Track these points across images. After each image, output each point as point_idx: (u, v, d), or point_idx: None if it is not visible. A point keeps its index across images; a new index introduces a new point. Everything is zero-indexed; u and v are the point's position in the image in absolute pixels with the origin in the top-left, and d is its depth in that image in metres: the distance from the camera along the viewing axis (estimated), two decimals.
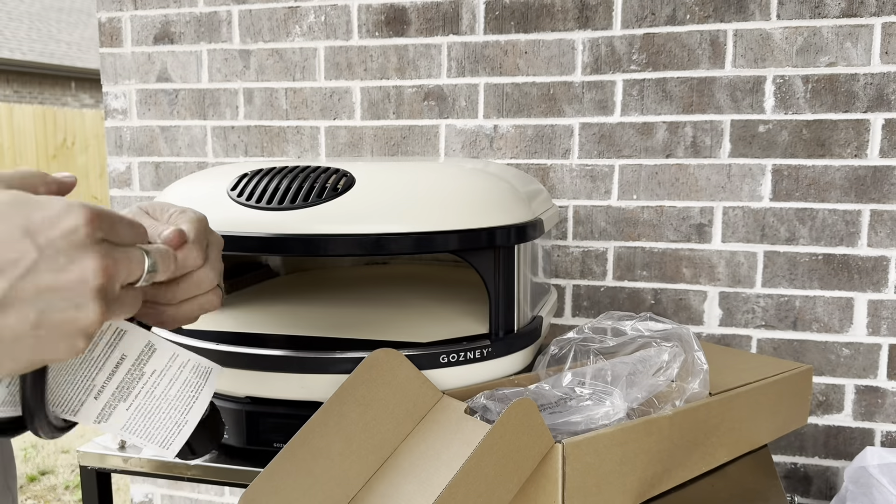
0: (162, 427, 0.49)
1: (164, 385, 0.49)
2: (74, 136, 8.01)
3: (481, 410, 0.69)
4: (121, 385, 0.47)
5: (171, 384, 0.49)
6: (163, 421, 0.49)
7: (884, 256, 1.22)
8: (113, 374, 0.47)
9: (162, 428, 0.49)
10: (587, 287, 1.34)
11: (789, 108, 1.22)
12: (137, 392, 0.48)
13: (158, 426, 0.49)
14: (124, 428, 0.48)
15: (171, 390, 0.49)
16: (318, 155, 1.43)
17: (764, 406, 0.83)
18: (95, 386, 0.47)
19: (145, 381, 0.48)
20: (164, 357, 0.49)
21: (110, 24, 1.50)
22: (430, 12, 1.34)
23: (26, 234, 0.37)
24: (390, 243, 0.76)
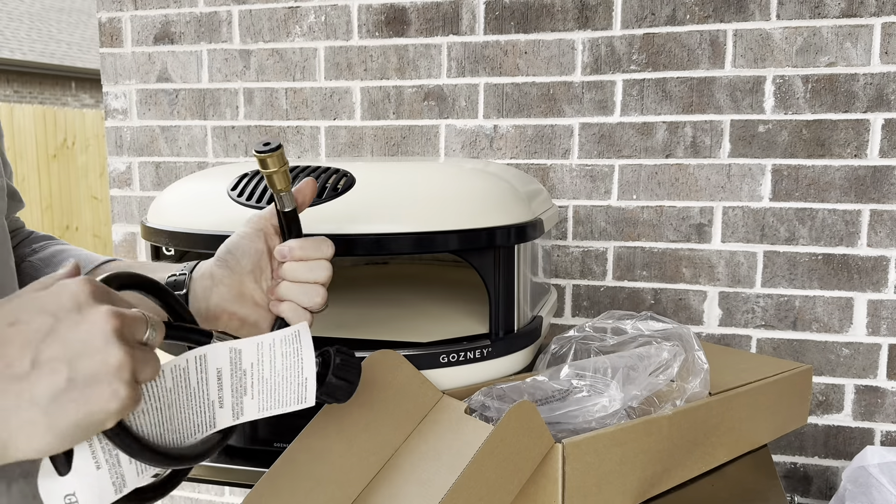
0: (290, 393, 0.55)
1: (268, 366, 0.54)
2: (75, 136, 8.01)
3: (480, 408, 0.69)
4: (234, 387, 0.52)
5: (273, 362, 0.54)
6: (287, 389, 0.54)
7: (883, 256, 1.22)
8: (220, 384, 0.52)
9: (290, 393, 0.55)
10: (587, 287, 1.34)
11: (789, 108, 1.22)
12: (251, 383, 0.53)
13: (287, 394, 0.54)
14: (260, 411, 0.53)
15: (276, 365, 0.54)
16: (318, 155, 1.44)
17: (764, 406, 0.83)
18: (214, 400, 0.51)
19: (251, 373, 0.53)
20: (253, 350, 0.54)
21: (110, 24, 1.50)
22: (430, 12, 1.34)
23: (41, 311, 0.40)
24: (390, 243, 0.76)
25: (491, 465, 0.58)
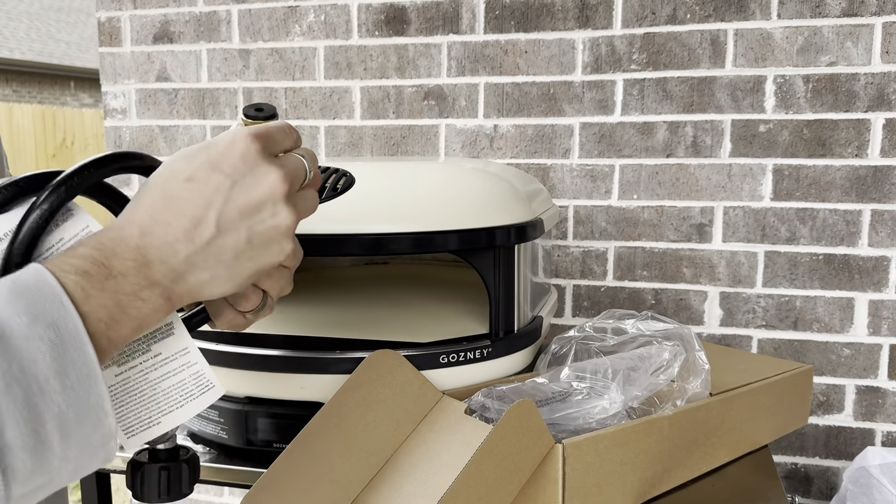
0: (134, 413, 0.47)
1: (160, 373, 0.48)
2: (74, 136, 8.00)
3: (480, 409, 0.69)
4: (124, 351, 0.46)
5: (166, 376, 0.48)
6: (139, 407, 0.47)
7: (884, 256, 1.22)
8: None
9: (133, 414, 0.47)
10: (587, 287, 1.34)
11: (790, 108, 1.22)
12: (134, 365, 0.47)
13: (131, 410, 0.47)
14: None
15: (163, 382, 0.48)
16: (317, 155, 1.43)
17: (764, 406, 0.83)
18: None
19: (146, 358, 0.48)
20: (176, 346, 0.48)
21: (109, 23, 1.50)
22: (429, 12, 1.34)
23: (214, 168, 0.43)
24: (390, 243, 0.76)
25: (490, 465, 0.58)
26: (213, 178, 0.43)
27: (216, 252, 0.43)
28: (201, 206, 0.42)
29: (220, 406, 0.82)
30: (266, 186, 0.44)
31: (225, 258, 0.43)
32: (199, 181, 0.42)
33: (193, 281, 0.42)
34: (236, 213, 0.43)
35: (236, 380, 0.79)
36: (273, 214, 0.44)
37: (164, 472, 0.51)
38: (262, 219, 0.44)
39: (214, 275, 0.43)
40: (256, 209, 0.44)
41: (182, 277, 0.42)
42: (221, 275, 0.43)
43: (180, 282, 0.42)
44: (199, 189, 0.42)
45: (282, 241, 0.45)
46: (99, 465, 0.38)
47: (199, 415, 0.84)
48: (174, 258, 0.41)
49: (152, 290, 0.41)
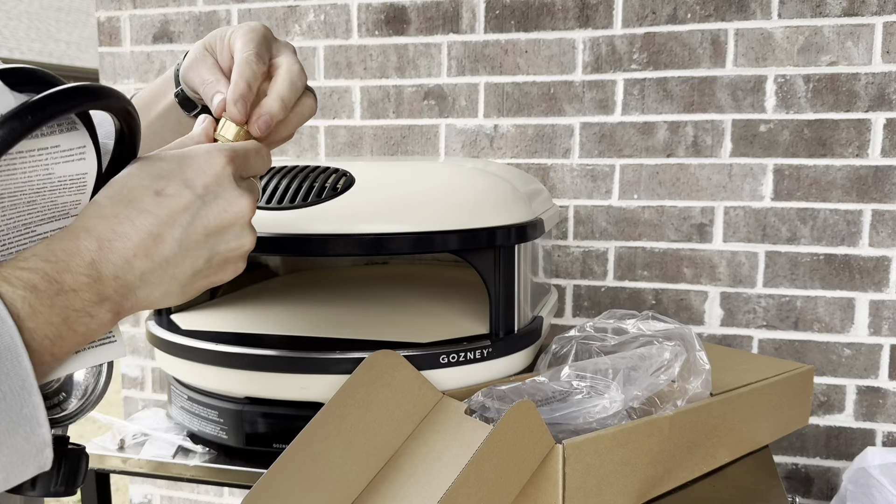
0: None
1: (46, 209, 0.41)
2: None
3: (480, 409, 0.69)
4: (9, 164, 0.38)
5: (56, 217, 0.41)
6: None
7: (885, 256, 1.22)
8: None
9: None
10: (588, 287, 1.34)
11: (790, 108, 1.22)
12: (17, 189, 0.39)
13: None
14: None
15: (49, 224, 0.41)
16: (317, 154, 1.43)
17: (765, 406, 0.83)
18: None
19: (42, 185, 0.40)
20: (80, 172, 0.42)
21: (109, 23, 1.49)
22: (429, 11, 1.34)
23: (186, 185, 0.42)
24: (390, 243, 0.76)
25: (490, 465, 0.58)
26: (183, 195, 0.42)
27: (173, 270, 0.42)
28: (166, 224, 0.41)
29: (220, 406, 0.82)
30: (237, 210, 0.44)
31: (181, 277, 0.43)
32: (169, 197, 0.42)
33: (143, 296, 0.42)
34: (202, 233, 0.43)
35: (236, 380, 0.79)
36: (237, 237, 0.45)
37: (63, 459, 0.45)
38: (225, 240, 0.44)
39: (167, 291, 0.43)
40: (222, 231, 0.44)
41: (133, 293, 0.41)
42: (173, 291, 0.43)
43: (131, 297, 0.41)
44: (167, 205, 0.41)
45: (238, 262, 0.46)
46: (32, 474, 0.37)
47: (199, 415, 0.84)
48: (129, 274, 0.40)
49: (102, 305, 0.40)
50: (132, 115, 0.44)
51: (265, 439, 0.80)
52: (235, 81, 0.51)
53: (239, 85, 0.51)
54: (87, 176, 0.42)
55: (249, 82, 0.51)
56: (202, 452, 0.84)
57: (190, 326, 0.86)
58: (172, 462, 0.84)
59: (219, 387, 0.82)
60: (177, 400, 0.89)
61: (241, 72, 0.51)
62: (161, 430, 0.90)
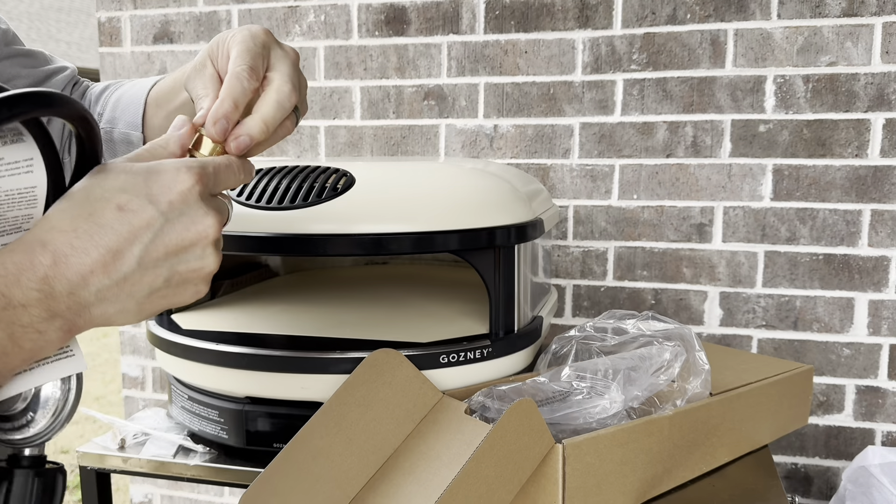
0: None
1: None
2: None
3: (480, 409, 0.69)
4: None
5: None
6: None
7: (884, 256, 1.22)
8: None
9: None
10: (587, 287, 1.34)
11: (790, 108, 1.22)
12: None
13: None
14: None
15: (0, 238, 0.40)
16: (317, 155, 1.43)
17: (764, 406, 0.83)
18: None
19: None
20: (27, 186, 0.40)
21: (110, 23, 1.50)
22: (430, 12, 1.34)
23: (150, 201, 0.41)
24: (390, 243, 0.76)
25: (490, 464, 0.58)
26: (146, 211, 0.40)
27: (130, 288, 0.40)
28: (126, 240, 0.40)
29: (220, 406, 0.82)
30: (200, 229, 0.42)
31: (138, 295, 0.41)
32: (132, 213, 0.40)
33: (98, 313, 0.40)
34: (162, 251, 0.41)
35: (236, 380, 0.79)
36: (200, 257, 0.43)
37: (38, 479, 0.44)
38: (186, 260, 0.42)
39: (122, 309, 0.41)
40: (184, 250, 0.42)
41: (87, 310, 0.39)
42: (129, 309, 0.41)
43: (84, 314, 0.39)
44: (129, 220, 0.40)
45: (199, 283, 0.44)
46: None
47: (199, 414, 0.85)
48: (84, 291, 0.39)
49: (52, 322, 0.38)
50: (88, 121, 0.41)
51: (265, 439, 0.80)
52: (222, 99, 0.49)
53: (224, 103, 0.49)
54: (37, 189, 0.40)
55: (236, 101, 0.49)
56: (203, 452, 0.84)
57: (190, 326, 0.86)
58: (173, 462, 0.84)
59: (219, 386, 0.82)
60: (177, 400, 0.89)
61: (229, 88, 0.49)
62: (162, 430, 0.90)
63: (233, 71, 0.50)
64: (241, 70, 0.50)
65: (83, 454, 0.89)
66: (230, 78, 0.50)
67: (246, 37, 0.52)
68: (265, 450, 0.80)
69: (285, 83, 0.51)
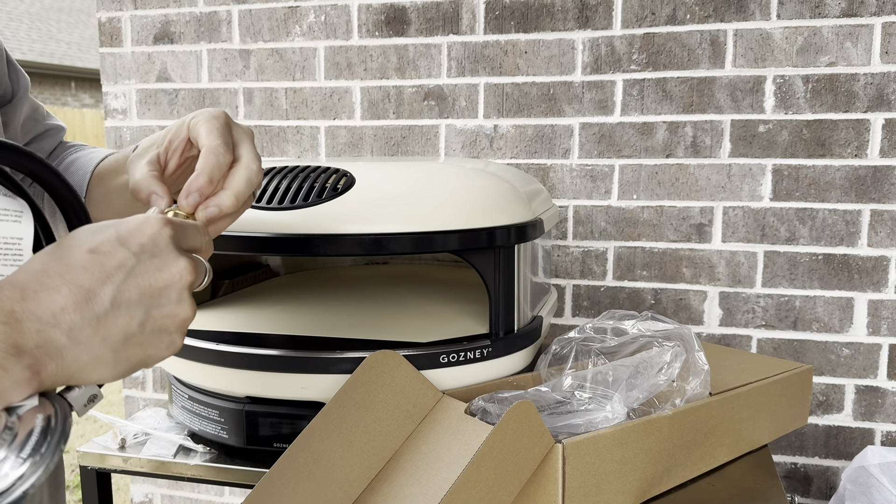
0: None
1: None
2: (74, 136, 8.00)
3: (480, 413, 0.69)
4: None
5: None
6: None
7: (884, 256, 1.22)
8: None
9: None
10: (587, 287, 1.34)
11: (789, 108, 1.22)
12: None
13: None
14: None
15: None
16: (317, 155, 1.43)
17: (764, 406, 0.83)
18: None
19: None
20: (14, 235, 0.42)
21: (110, 23, 1.50)
22: (430, 12, 1.34)
23: (121, 244, 0.40)
24: (390, 243, 0.76)
25: (491, 465, 0.58)
26: (118, 253, 0.39)
27: (104, 331, 0.38)
28: (99, 279, 0.38)
29: (220, 406, 0.82)
30: (174, 272, 0.41)
31: (113, 339, 0.39)
32: (103, 254, 0.39)
33: (71, 359, 0.38)
34: (136, 293, 0.40)
35: (237, 379, 0.80)
36: (174, 303, 0.41)
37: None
38: (160, 304, 0.41)
39: (97, 356, 0.39)
40: (159, 293, 0.41)
41: (59, 353, 0.37)
42: (105, 358, 0.39)
43: (56, 357, 0.37)
44: (101, 261, 0.39)
45: (173, 333, 0.42)
46: None
47: (200, 414, 0.85)
48: (54, 329, 0.37)
49: (19, 359, 0.35)
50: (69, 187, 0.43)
51: (266, 439, 0.81)
52: (198, 173, 0.50)
53: (200, 178, 0.50)
54: (24, 242, 0.41)
55: (212, 176, 0.50)
56: (203, 452, 0.84)
57: (191, 326, 0.86)
58: (173, 461, 0.84)
59: (219, 386, 0.82)
60: (178, 399, 0.89)
61: (205, 163, 0.50)
62: (162, 430, 0.90)
63: (208, 146, 0.51)
64: (217, 145, 0.51)
65: (84, 454, 0.89)
66: (206, 153, 0.51)
67: (210, 116, 0.53)
68: (265, 449, 0.80)
69: (253, 160, 0.53)
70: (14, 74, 0.68)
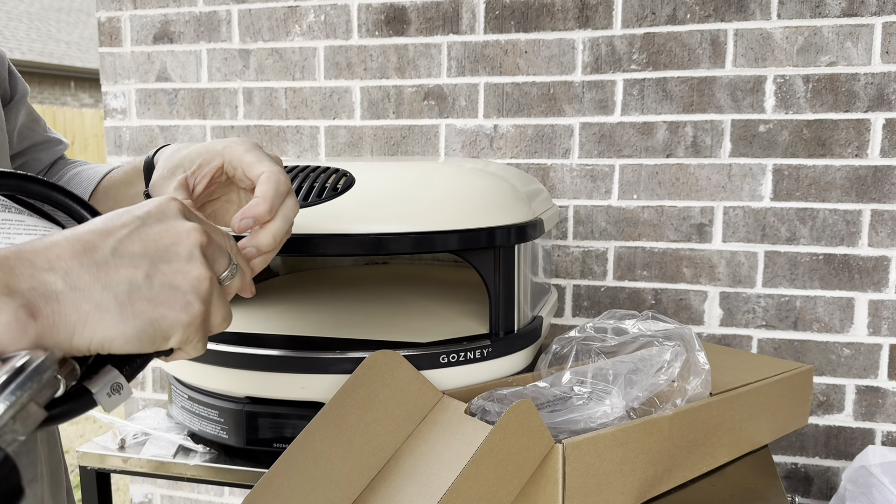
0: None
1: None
2: (74, 136, 8.00)
3: (480, 412, 0.69)
4: None
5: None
6: None
7: (884, 256, 1.22)
8: None
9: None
10: (587, 287, 1.34)
11: (790, 108, 1.22)
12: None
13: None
14: None
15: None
16: (317, 155, 1.43)
17: (764, 406, 0.83)
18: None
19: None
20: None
21: (110, 23, 1.50)
22: (429, 12, 1.34)
23: (129, 213, 0.39)
24: (390, 243, 0.76)
25: (490, 465, 0.58)
26: (123, 216, 0.39)
27: (105, 277, 0.36)
28: (100, 235, 0.37)
29: (220, 406, 0.82)
30: (181, 230, 0.40)
31: (116, 288, 0.36)
32: (108, 219, 0.39)
33: (70, 305, 0.35)
34: (140, 245, 0.38)
35: (237, 379, 0.80)
36: (186, 259, 0.39)
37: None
38: (169, 259, 0.39)
39: (99, 304, 0.36)
40: (165, 248, 0.39)
41: (55, 297, 0.35)
42: (109, 307, 0.36)
43: (52, 301, 0.35)
44: (103, 222, 0.38)
45: (188, 291, 0.39)
46: None
47: (199, 414, 0.85)
48: (49, 272, 0.35)
49: (10, 298, 0.33)
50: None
51: (265, 439, 0.80)
52: (260, 199, 0.50)
53: (261, 206, 0.50)
54: None
55: (273, 204, 0.50)
56: (203, 452, 0.84)
57: None
58: (173, 462, 0.84)
59: (219, 386, 0.82)
60: (177, 399, 0.89)
61: (266, 189, 0.51)
62: (162, 430, 0.90)
63: (270, 172, 0.52)
64: (277, 171, 0.52)
65: (83, 454, 0.89)
66: (267, 179, 0.51)
67: (252, 145, 0.54)
68: (265, 450, 0.80)
69: (293, 200, 0.53)
70: (13, 81, 0.69)
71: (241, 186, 0.57)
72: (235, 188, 0.58)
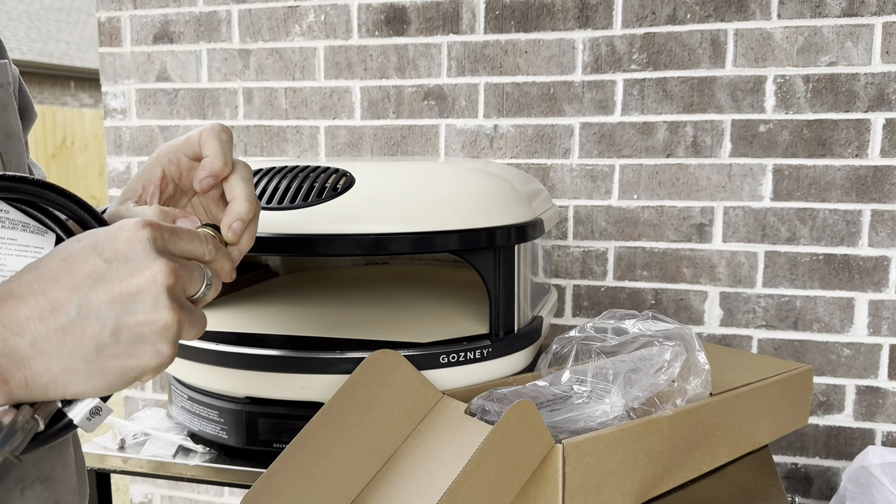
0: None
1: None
2: (74, 136, 8.00)
3: (479, 412, 0.69)
4: None
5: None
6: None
7: (884, 256, 1.22)
8: None
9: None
10: (587, 287, 1.34)
11: (790, 108, 1.22)
12: None
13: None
14: None
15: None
16: (317, 155, 1.43)
17: (764, 406, 0.83)
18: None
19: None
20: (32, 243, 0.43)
21: (110, 23, 1.50)
22: (430, 12, 1.34)
23: (93, 250, 0.39)
24: (390, 243, 0.76)
25: (490, 465, 0.58)
26: (89, 260, 0.38)
27: (72, 341, 0.37)
28: (66, 289, 0.37)
29: (220, 406, 0.82)
30: (147, 276, 0.38)
31: (83, 350, 0.37)
32: (75, 262, 0.38)
33: (39, 369, 0.37)
34: (105, 299, 0.38)
35: (237, 379, 0.79)
36: (150, 309, 0.38)
37: None
38: (133, 310, 0.38)
39: (67, 367, 0.37)
40: (130, 298, 0.38)
41: (26, 363, 0.36)
42: (77, 369, 0.37)
43: (23, 367, 0.36)
44: (70, 270, 0.38)
45: (157, 342, 0.39)
46: None
47: (199, 415, 0.85)
48: (18, 338, 0.36)
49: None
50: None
51: (265, 439, 0.80)
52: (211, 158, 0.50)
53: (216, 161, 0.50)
54: None
55: (226, 156, 0.50)
56: (202, 452, 0.84)
57: None
58: (173, 462, 0.84)
59: (219, 387, 0.82)
60: (177, 400, 0.89)
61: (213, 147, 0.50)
62: (161, 430, 0.90)
63: (211, 131, 0.51)
64: (217, 128, 0.51)
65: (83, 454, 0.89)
66: (212, 137, 0.51)
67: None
68: (265, 450, 0.80)
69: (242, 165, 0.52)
70: (24, 99, 0.68)
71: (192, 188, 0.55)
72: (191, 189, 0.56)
